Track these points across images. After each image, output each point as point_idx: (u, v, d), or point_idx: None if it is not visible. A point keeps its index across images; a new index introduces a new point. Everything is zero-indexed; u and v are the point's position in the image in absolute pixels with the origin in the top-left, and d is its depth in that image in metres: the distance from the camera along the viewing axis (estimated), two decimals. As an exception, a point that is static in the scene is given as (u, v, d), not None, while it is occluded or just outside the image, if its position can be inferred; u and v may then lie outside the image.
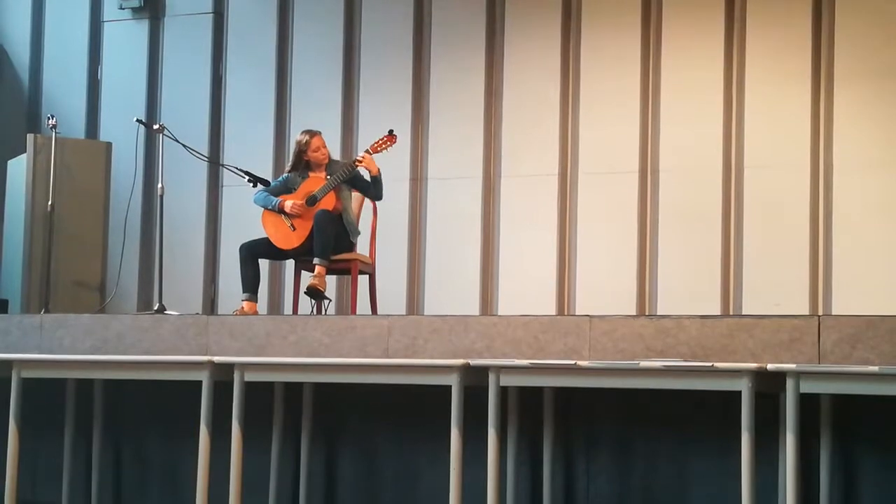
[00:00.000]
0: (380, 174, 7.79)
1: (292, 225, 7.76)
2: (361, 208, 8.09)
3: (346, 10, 10.13)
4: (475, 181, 9.61)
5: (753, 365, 5.18)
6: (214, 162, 9.88)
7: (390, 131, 7.96)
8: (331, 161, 7.95)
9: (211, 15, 10.53)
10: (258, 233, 7.86)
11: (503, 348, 6.05)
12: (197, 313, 8.64)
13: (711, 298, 8.77)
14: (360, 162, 7.74)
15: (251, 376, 6.03)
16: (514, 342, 6.04)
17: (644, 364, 5.36)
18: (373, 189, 7.84)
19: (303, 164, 7.90)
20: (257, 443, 6.41)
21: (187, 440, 6.45)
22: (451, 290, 9.49)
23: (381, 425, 6.49)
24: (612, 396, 5.80)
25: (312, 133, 7.89)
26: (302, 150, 7.87)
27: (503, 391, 5.64)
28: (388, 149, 7.94)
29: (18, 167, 8.67)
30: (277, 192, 7.86)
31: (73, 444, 7.02)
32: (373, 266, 8.04)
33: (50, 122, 8.45)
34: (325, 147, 7.89)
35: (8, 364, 6.46)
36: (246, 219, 8.51)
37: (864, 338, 5.44)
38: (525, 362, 5.59)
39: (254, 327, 6.66)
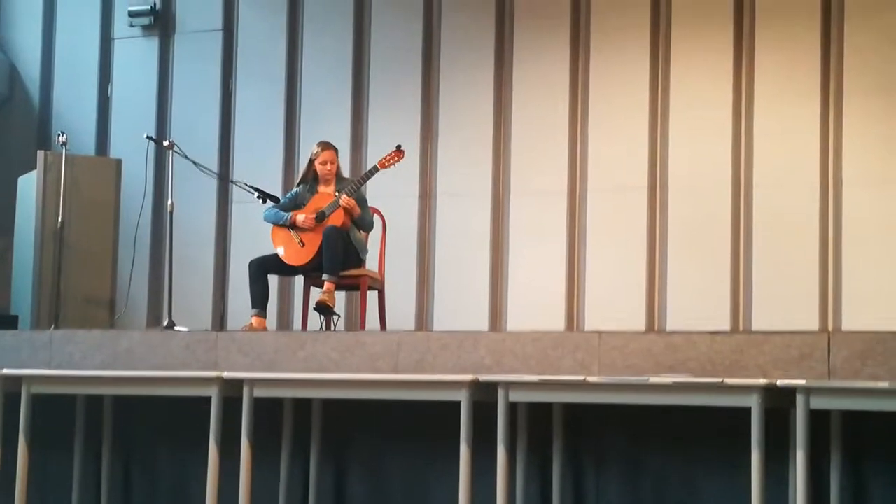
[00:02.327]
0: (360, 216, 7.78)
1: (301, 241, 7.77)
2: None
3: (356, 27, 10.15)
4: (484, 198, 9.61)
5: (763, 381, 5.17)
6: (224, 178, 9.89)
7: (398, 146, 7.98)
8: (341, 179, 7.96)
9: (220, 32, 10.56)
10: (268, 249, 7.87)
11: (512, 364, 6.04)
12: (206, 329, 8.64)
13: (721, 314, 8.76)
14: (347, 203, 7.70)
15: (260, 392, 6.03)
16: (523, 358, 6.04)
17: (653, 380, 5.35)
18: (360, 224, 7.84)
19: (312, 176, 7.92)
20: (266, 458, 6.41)
21: (196, 456, 6.45)
22: (461, 306, 9.48)
23: (390, 441, 6.49)
24: (621, 412, 5.79)
25: (325, 146, 7.91)
26: (311, 160, 7.91)
27: (512, 407, 5.64)
28: (396, 164, 7.97)
29: (29, 184, 8.69)
30: (287, 208, 7.88)
31: (83, 460, 7.02)
32: (382, 282, 8.05)
33: (60, 138, 8.46)
34: (333, 163, 7.88)
35: (18, 380, 6.46)
36: (255, 235, 8.53)
37: (875, 354, 5.43)
38: (534, 378, 5.59)
39: (263, 343, 6.66)
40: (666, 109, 9.22)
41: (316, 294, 7.77)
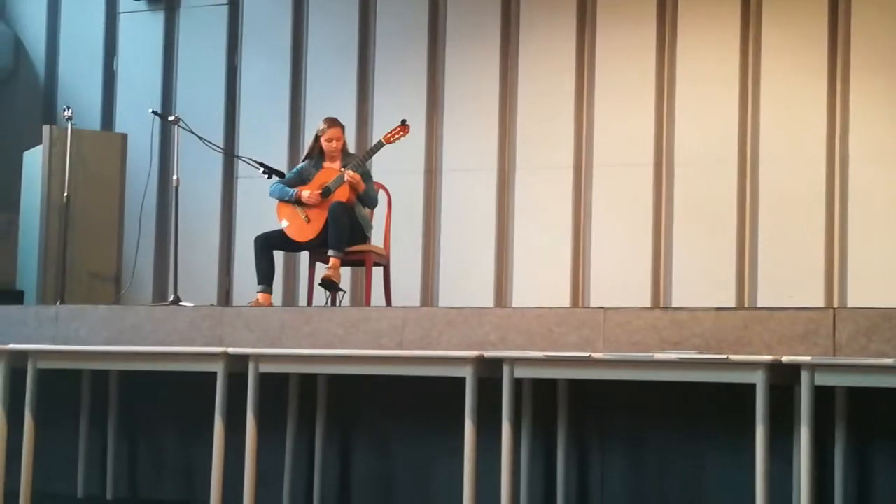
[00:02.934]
0: (365, 192, 7.78)
1: (307, 217, 7.77)
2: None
3: (361, 1, 10.12)
4: (490, 173, 9.60)
5: (768, 357, 5.17)
6: (229, 153, 9.88)
7: (403, 121, 7.96)
8: (346, 154, 7.95)
9: (226, 6, 10.54)
10: (273, 224, 7.87)
11: (517, 340, 6.05)
12: (212, 305, 8.65)
13: (726, 290, 8.76)
14: (352, 178, 7.69)
15: (266, 368, 6.04)
16: (528, 334, 6.04)
17: (658, 356, 5.35)
18: (365, 200, 7.84)
19: (317, 152, 7.91)
20: (272, 434, 6.43)
21: (202, 432, 6.47)
22: (466, 282, 9.48)
23: (395, 417, 6.50)
24: (626, 388, 5.79)
25: (331, 123, 7.89)
26: (317, 136, 7.90)
27: (517, 383, 5.64)
28: (402, 139, 7.95)
29: (34, 158, 8.69)
30: (293, 184, 7.87)
31: (89, 435, 7.05)
32: (387, 258, 8.05)
33: (66, 113, 8.46)
34: (339, 140, 7.86)
35: (24, 355, 6.48)
36: (261, 210, 8.53)
37: (880, 330, 5.43)
38: (539, 354, 5.59)
39: (268, 319, 6.67)
40: (672, 85, 9.20)
41: (321, 270, 7.77)
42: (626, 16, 9.34)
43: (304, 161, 8.01)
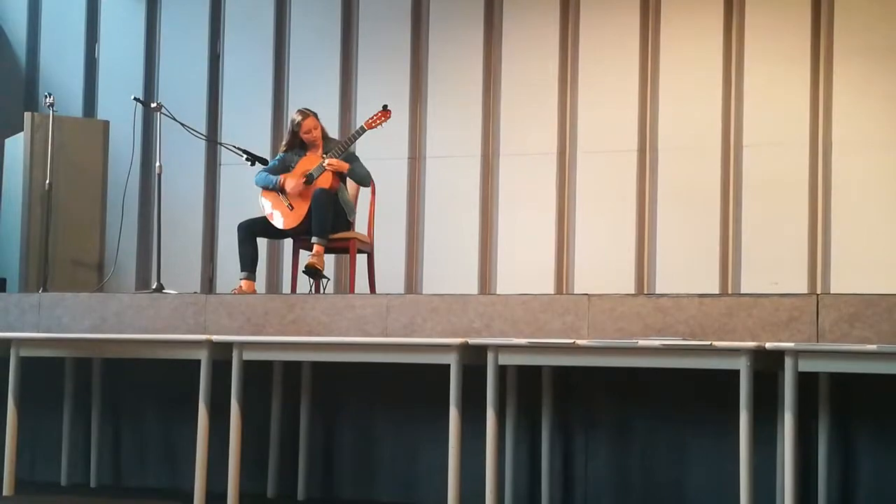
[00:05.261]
0: (354, 171, 7.78)
1: (290, 204, 7.75)
2: (359, 189, 8.07)
3: (344, -12, 10.11)
4: (474, 160, 9.59)
5: (752, 343, 5.18)
6: (212, 140, 9.85)
7: (384, 106, 7.95)
8: (327, 140, 7.94)
9: (208, -8, 10.51)
10: (256, 211, 7.85)
11: (502, 327, 6.05)
12: (195, 292, 8.62)
13: (710, 277, 8.77)
14: (331, 166, 7.69)
15: (249, 355, 6.03)
16: (512, 321, 6.04)
17: (642, 343, 5.36)
18: (357, 179, 7.84)
19: (298, 142, 7.90)
20: (256, 421, 6.42)
21: (186, 419, 6.46)
22: (450, 269, 9.48)
23: (379, 404, 6.50)
24: (610, 375, 5.80)
25: (305, 114, 7.87)
26: (294, 130, 7.88)
27: (502, 370, 5.64)
28: (384, 124, 7.94)
29: (16, 146, 8.65)
30: (276, 172, 7.86)
31: (72, 423, 7.02)
32: (371, 245, 8.04)
33: (47, 100, 8.42)
34: (316, 129, 7.86)
35: (6, 343, 6.46)
36: (244, 197, 8.51)
37: (863, 316, 5.44)
38: (524, 341, 5.59)
39: (252, 306, 6.65)
40: (656, 71, 9.20)
41: (305, 257, 7.76)
42: (610, 2, 9.33)
43: (284, 151, 7.99)
